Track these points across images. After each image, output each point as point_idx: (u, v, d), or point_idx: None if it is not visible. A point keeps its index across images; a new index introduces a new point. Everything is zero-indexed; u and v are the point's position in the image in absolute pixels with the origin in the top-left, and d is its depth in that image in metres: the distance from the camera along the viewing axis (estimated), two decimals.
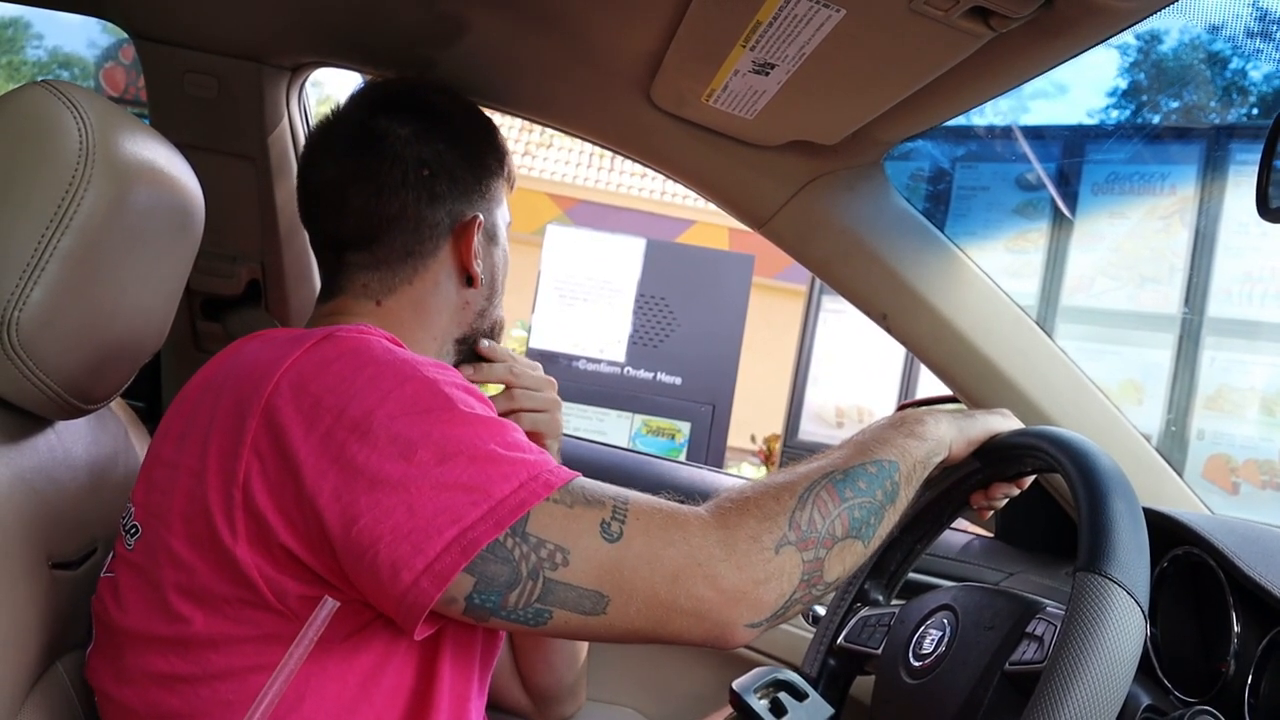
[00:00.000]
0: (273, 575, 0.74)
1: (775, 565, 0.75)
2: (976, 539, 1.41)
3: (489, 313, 0.99)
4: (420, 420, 0.73)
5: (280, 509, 0.73)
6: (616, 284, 3.70)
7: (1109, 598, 0.70)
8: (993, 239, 2.55)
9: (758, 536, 0.75)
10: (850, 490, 0.79)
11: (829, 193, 1.15)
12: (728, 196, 1.20)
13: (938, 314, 1.16)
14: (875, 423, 0.89)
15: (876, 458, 0.82)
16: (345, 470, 0.72)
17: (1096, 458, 0.79)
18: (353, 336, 0.79)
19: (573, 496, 0.74)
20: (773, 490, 0.78)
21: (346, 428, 0.73)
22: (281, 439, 0.73)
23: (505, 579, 0.71)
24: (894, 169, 1.17)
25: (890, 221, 1.16)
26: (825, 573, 0.77)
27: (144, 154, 0.84)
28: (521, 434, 0.78)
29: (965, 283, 1.17)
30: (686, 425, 3.64)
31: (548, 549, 0.72)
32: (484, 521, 0.71)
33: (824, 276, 1.23)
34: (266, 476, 0.74)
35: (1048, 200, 2.52)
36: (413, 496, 0.71)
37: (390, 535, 0.70)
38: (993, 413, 0.95)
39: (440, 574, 0.70)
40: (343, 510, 0.71)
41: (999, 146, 2.60)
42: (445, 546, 0.70)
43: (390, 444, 0.72)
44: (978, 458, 0.92)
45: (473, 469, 0.72)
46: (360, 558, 0.71)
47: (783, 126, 1.07)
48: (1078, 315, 2.52)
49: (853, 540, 0.78)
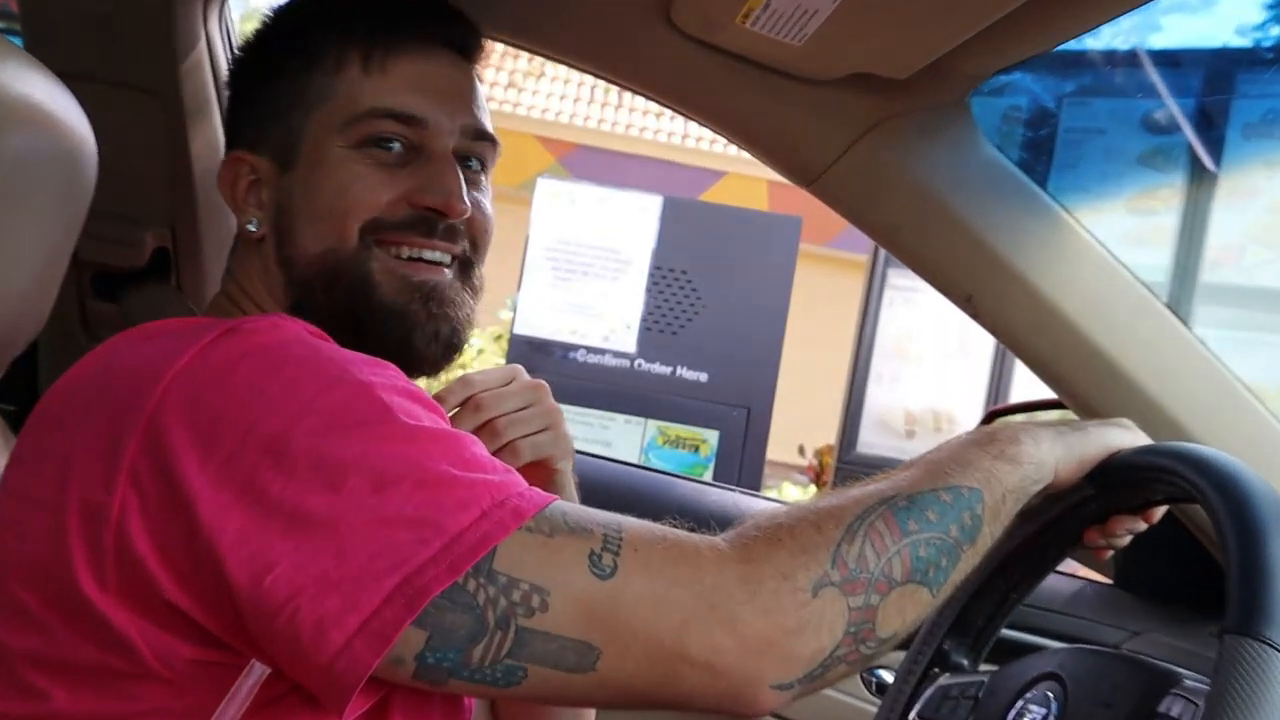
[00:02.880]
0: (157, 638, 0.74)
1: (812, 611, 0.74)
2: (1090, 586, 1.40)
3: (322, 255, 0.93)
4: (351, 437, 0.73)
5: (165, 556, 0.73)
6: (625, 253, 3.70)
7: (1268, 668, 0.69)
8: (1111, 198, 2.54)
9: (790, 573, 0.74)
10: (915, 522, 0.78)
11: (899, 140, 1.14)
12: (769, 145, 1.20)
13: (1038, 295, 1.15)
14: (955, 437, 0.88)
15: (953, 483, 0.81)
16: (255, 505, 0.71)
17: (1249, 484, 0.78)
18: (265, 330, 0.79)
19: (552, 524, 0.74)
20: (813, 517, 0.78)
21: (256, 450, 0.72)
22: (169, 466, 0.73)
23: (467, 630, 0.71)
24: (982, 109, 1.16)
25: (977, 176, 1.16)
26: (879, 626, 0.76)
27: (15, 87, 0.84)
28: (482, 447, 0.78)
29: (1074, 254, 1.16)
30: (714, 434, 3.65)
31: (521, 590, 0.72)
32: (436, 563, 0.70)
33: (890, 246, 1.22)
34: (148, 514, 0.73)
35: (1183, 147, 2.50)
36: (343, 536, 0.70)
37: (314, 586, 0.70)
38: (1111, 424, 0.94)
39: (379, 633, 0.70)
40: (251, 557, 0.71)
41: (1120, 78, 2.58)
42: (386, 597, 0.70)
43: (313, 469, 0.72)
44: (1092, 483, 0.92)
45: (420, 497, 0.72)
46: (274, 616, 0.71)
47: (840, 56, 1.06)
48: (1223, 295, 2.50)
49: (916, 586, 0.78)
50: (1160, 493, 0.92)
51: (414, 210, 0.93)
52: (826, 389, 7.33)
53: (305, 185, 0.93)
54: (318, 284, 0.93)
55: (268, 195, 0.95)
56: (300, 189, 0.94)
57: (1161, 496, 0.93)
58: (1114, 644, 1.29)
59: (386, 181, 0.92)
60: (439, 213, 0.93)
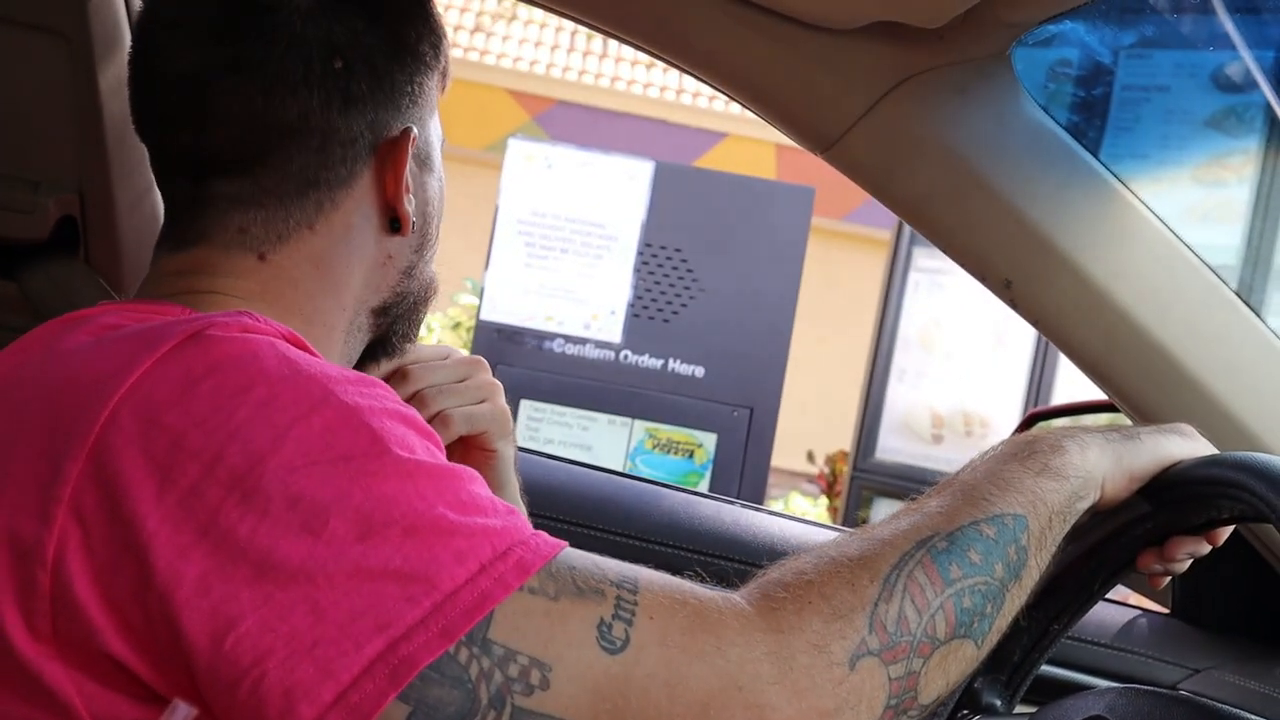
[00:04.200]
0: (97, 694, 0.73)
1: (850, 687, 0.75)
2: (1144, 617, 1.41)
3: (419, 271, 0.99)
4: (335, 473, 0.73)
5: (110, 602, 0.72)
6: (610, 227, 3.70)
7: None
8: (1174, 167, 2.55)
9: (824, 645, 0.75)
10: (958, 566, 0.79)
11: (929, 99, 1.14)
12: (777, 104, 1.20)
13: (1087, 280, 1.16)
14: (991, 451, 0.89)
15: (995, 512, 0.82)
16: (219, 548, 0.71)
17: None
18: (233, 339, 0.78)
19: (558, 584, 0.74)
20: (845, 569, 0.78)
21: (222, 483, 0.72)
22: (119, 498, 0.72)
23: (456, 708, 0.71)
24: (1026, 63, 1.16)
25: (1019, 141, 1.16)
26: (921, 693, 0.78)
27: None
28: (482, 484, 0.78)
29: (1129, 233, 1.17)
30: (711, 438, 3.65)
31: (519, 664, 0.72)
32: (425, 626, 0.70)
33: (917, 222, 1.22)
34: (91, 553, 0.72)
35: (1260, 108, 2.50)
36: (320, 590, 0.70)
37: (285, 649, 0.70)
38: (1169, 430, 0.94)
39: (358, 708, 0.70)
40: (213, 610, 0.70)
41: (1185, 26, 2.57)
42: (367, 666, 0.70)
43: (289, 509, 0.71)
44: (1147, 498, 0.92)
45: (410, 547, 0.72)
46: (237, 682, 0.70)
47: (862, 0, 1.06)
48: None
49: (960, 641, 0.79)
50: (1226, 510, 0.92)
51: None
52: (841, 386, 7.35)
53: (438, 196, 1.00)
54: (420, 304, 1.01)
55: (415, 188, 0.97)
56: (436, 199, 1.00)
57: (1227, 514, 0.93)
58: (1171, 683, 1.30)
59: None
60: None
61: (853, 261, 9.42)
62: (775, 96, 1.19)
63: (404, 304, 1.00)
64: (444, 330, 5.96)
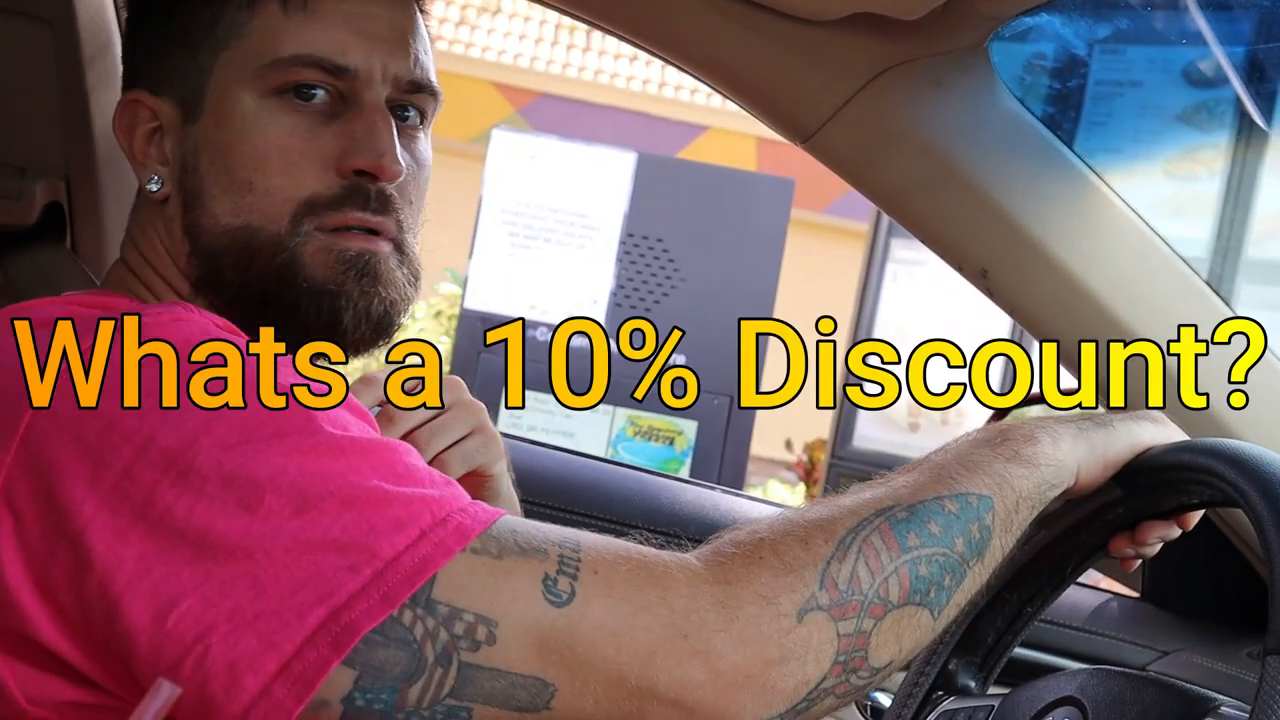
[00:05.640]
0: (30, 676, 0.73)
1: (797, 638, 0.75)
2: (1115, 600, 1.42)
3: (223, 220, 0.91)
4: (268, 450, 0.72)
5: (43, 589, 0.72)
6: (593, 218, 3.69)
7: None
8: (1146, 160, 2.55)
9: (772, 596, 0.75)
10: (916, 535, 0.79)
11: (907, 90, 1.14)
12: (757, 94, 1.19)
13: (1062, 269, 1.16)
14: (964, 436, 0.89)
15: (960, 490, 0.82)
16: (157, 529, 0.71)
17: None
18: (164, 322, 0.78)
19: (500, 544, 0.74)
20: (800, 530, 0.78)
21: (156, 465, 0.72)
22: (53, 485, 0.72)
23: (402, 668, 0.71)
24: (1003, 56, 1.16)
25: (996, 133, 1.16)
26: (872, 654, 0.78)
27: None
28: (417, 456, 0.78)
29: (1103, 224, 1.17)
30: (692, 425, 3.66)
31: (464, 621, 0.72)
32: (366, 594, 0.71)
33: (895, 212, 1.22)
34: (24, 542, 0.72)
35: (1230, 102, 2.51)
36: (260, 565, 0.70)
37: (227, 624, 0.70)
38: (1140, 417, 0.95)
39: (302, 676, 0.70)
40: (154, 590, 0.70)
41: (1159, 21, 2.58)
42: (310, 635, 0.70)
43: (224, 487, 0.71)
44: (1119, 484, 0.92)
45: (348, 517, 0.72)
46: (180, 659, 0.70)
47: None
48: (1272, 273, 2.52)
49: (915, 609, 0.79)
50: (1196, 495, 0.92)
51: (344, 179, 0.90)
52: None
53: (215, 142, 0.90)
54: (226, 259, 0.90)
55: (171, 147, 0.92)
56: (209, 146, 0.90)
57: (1197, 499, 0.94)
58: (1141, 665, 1.31)
59: (313, 146, 0.89)
60: (369, 175, 0.90)
61: (832, 252, 9.42)
62: (756, 87, 1.19)
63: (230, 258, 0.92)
64: (426, 318, 5.94)
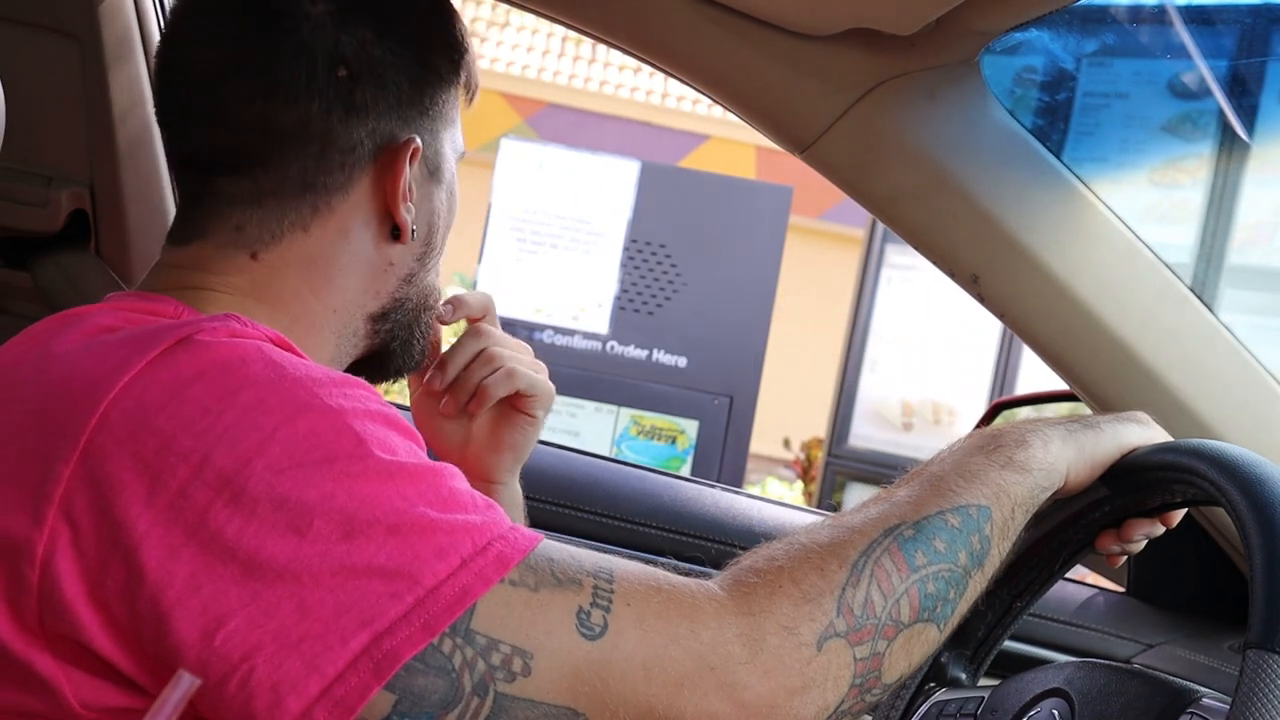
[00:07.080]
0: (84, 682, 0.73)
1: (817, 667, 0.76)
2: (1101, 595, 1.42)
3: (419, 279, 0.97)
4: (319, 474, 0.72)
5: (98, 601, 0.72)
6: (597, 224, 3.69)
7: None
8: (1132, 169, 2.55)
9: (794, 626, 0.76)
10: (923, 554, 0.80)
11: (901, 102, 1.15)
12: (757, 106, 1.19)
13: (1050, 275, 1.16)
14: (957, 444, 0.89)
15: (961, 503, 0.83)
16: (208, 548, 0.71)
17: (1277, 485, 0.79)
18: (221, 344, 0.77)
19: (538, 575, 0.74)
20: (815, 555, 0.79)
21: (211, 485, 0.71)
22: (110, 499, 0.72)
23: (440, 696, 0.71)
24: (994, 70, 1.16)
25: (987, 143, 1.16)
26: (885, 673, 0.79)
27: None
28: (463, 481, 0.77)
29: (1091, 231, 1.17)
30: (693, 425, 3.65)
31: (501, 653, 0.72)
32: (408, 621, 0.71)
33: (889, 220, 1.22)
34: (82, 554, 0.72)
35: (1214, 114, 2.51)
36: (306, 588, 0.70)
37: (273, 644, 0.70)
38: (1126, 419, 0.94)
39: (343, 700, 0.70)
40: (203, 608, 0.70)
41: (1145, 36, 2.58)
42: (352, 660, 0.70)
43: (275, 510, 0.71)
44: (1106, 483, 0.93)
45: (393, 544, 0.72)
46: (226, 677, 0.70)
47: (839, 8, 1.06)
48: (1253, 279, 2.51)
49: (924, 625, 0.80)
50: (1179, 494, 0.92)
51: None
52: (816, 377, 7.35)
53: (448, 208, 0.98)
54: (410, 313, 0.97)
55: (418, 200, 0.94)
56: (442, 210, 0.97)
57: (1180, 498, 0.93)
58: (1126, 658, 1.31)
59: None
60: None
61: (828, 258, 9.41)
62: (755, 99, 1.19)
63: (402, 311, 0.97)
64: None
